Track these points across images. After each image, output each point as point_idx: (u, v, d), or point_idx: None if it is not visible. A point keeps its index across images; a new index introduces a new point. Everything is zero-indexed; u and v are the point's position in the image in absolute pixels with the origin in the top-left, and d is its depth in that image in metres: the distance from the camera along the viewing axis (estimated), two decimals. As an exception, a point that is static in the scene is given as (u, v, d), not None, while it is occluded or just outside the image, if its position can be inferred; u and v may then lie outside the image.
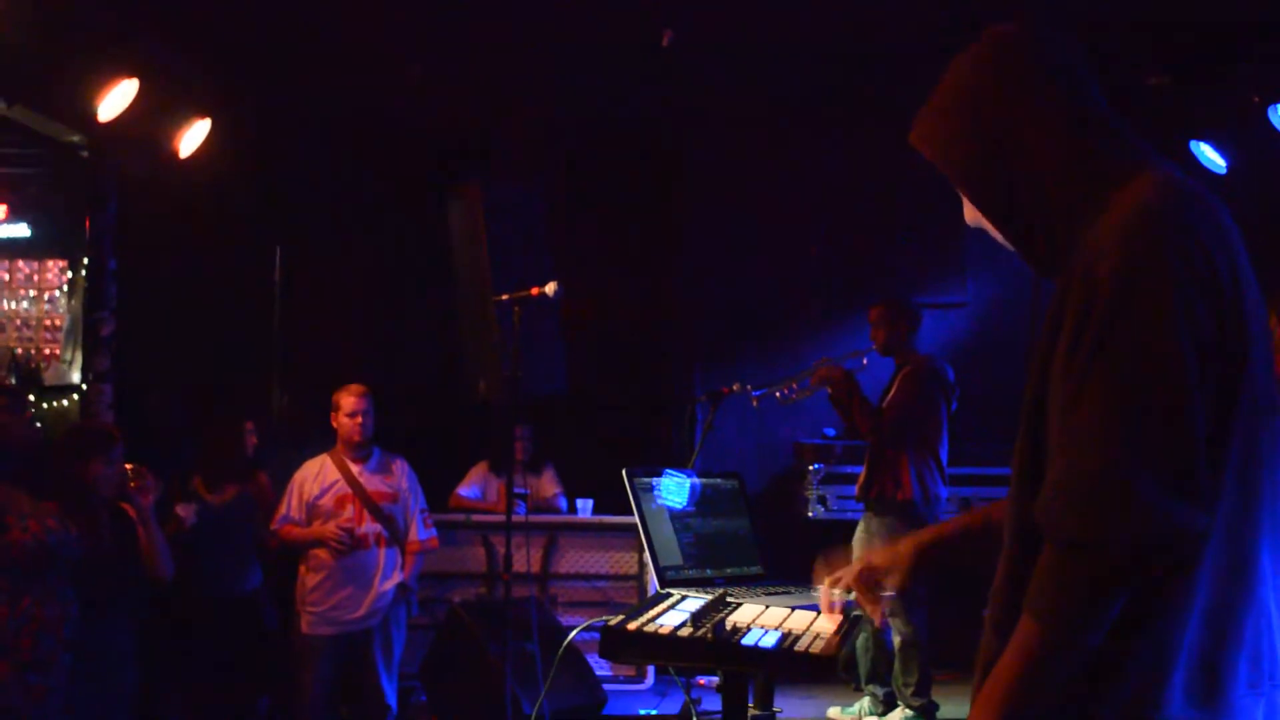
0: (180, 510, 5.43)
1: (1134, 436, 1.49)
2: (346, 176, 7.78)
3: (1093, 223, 1.61)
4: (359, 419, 5.78)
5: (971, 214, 1.82)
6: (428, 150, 7.82)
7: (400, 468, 5.93)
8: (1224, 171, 6.32)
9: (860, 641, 6.06)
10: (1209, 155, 6.38)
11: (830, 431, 7.49)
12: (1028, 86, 1.74)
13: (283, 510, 5.77)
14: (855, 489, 6.13)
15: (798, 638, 2.06)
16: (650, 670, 6.79)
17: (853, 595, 2.15)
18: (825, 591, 2.17)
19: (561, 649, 2.54)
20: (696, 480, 2.97)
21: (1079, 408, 1.54)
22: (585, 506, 7.07)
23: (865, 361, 6.16)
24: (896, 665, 5.93)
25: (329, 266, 7.92)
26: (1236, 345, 1.57)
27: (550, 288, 4.89)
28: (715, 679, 4.71)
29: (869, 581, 2.12)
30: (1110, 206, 1.60)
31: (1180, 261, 1.53)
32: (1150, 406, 1.50)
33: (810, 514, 7.24)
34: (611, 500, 6.74)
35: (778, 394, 6.05)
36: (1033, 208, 1.70)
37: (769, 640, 2.03)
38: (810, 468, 7.28)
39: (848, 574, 2.15)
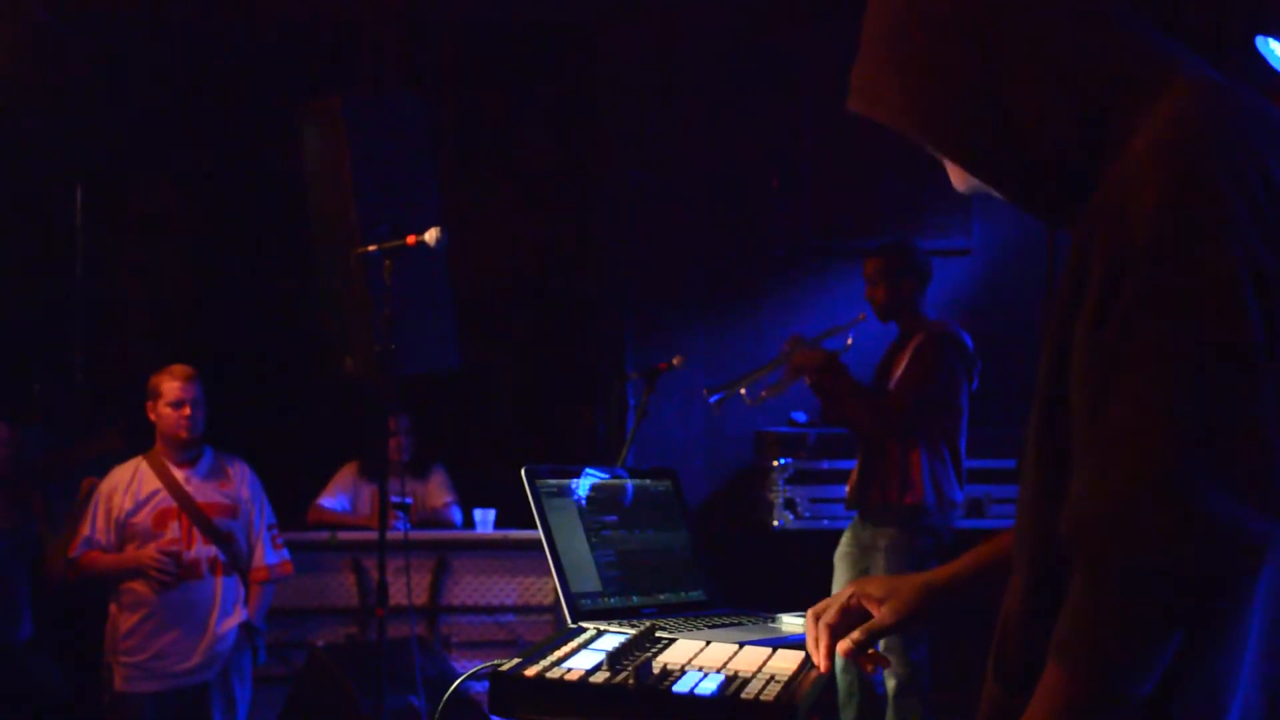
0: None
1: (1189, 425, 1.48)
2: (167, 93, 7.68)
3: (1118, 149, 1.59)
4: (186, 410, 5.74)
5: (961, 178, 1.80)
6: (273, 56, 7.73)
7: (240, 473, 5.91)
8: (1300, 75, 6.39)
9: (843, 686, 6.10)
10: (1281, 54, 6.45)
11: (800, 417, 7.52)
12: None
13: (85, 531, 5.71)
14: (847, 491, 6.14)
15: (746, 681, 2.04)
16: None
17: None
18: (810, 629, 2.15)
19: (445, 699, 2.52)
20: (628, 482, 2.95)
21: (1115, 390, 1.52)
22: (485, 519, 7.05)
23: (850, 340, 6.16)
24: (890, 716, 5.97)
25: (146, 210, 7.82)
26: None
27: (432, 235, 4.88)
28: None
29: (859, 618, 2.10)
30: (1139, 127, 1.58)
31: (1238, 194, 1.51)
32: (1208, 386, 1.48)
33: (776, 523, 7.26)
34: (519, 510, 6.70)
35: (742, 391, 6.05)
36: (1034, 148, 1.67)
37: (708, 685, 2.01)
38: (775, 463, 7.30)
39: (833, 605, 2.12)
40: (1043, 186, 1.70)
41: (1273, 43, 6.45)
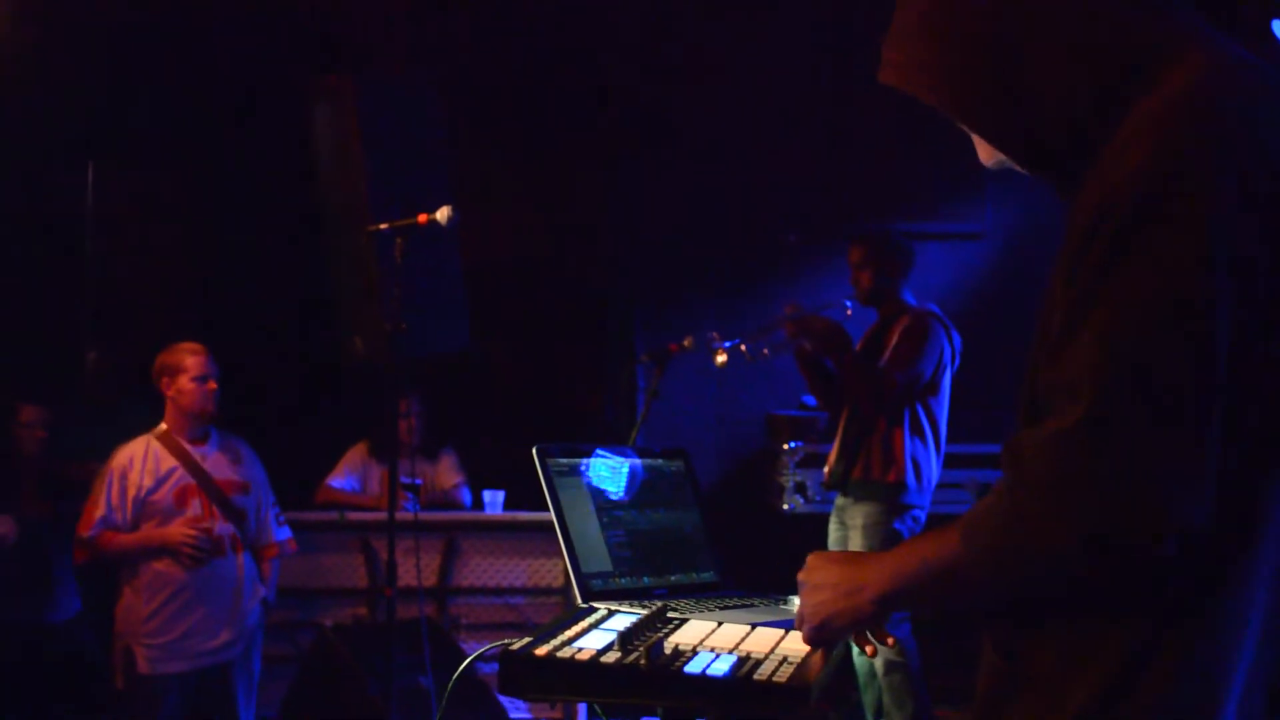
0: None
1: (1128, 394, 1.48)
2: (178, 70, 7.66)
3: (1122, 121, 1.58)
4: (211, 384, 5.72)
5: (988, 153, 1.80)
6: (285, 34, 7.71)
7: (247, 451, 5.92)
8: (1315, 61, 6.37)
9: (863, 668, 6.11)
10: (1295, 40, 6.43)
11: (811, 400, 7.52)
12: None
13: (100, 511, 5.60)
14: (824, 472, 6.22)
15: (759, 663, 2.02)
16: (581, 711, 6.80)
17: None
18: None
19: (454, 679, 2.51)
20: (637, 461, 2.94)
21: (1071, 341, 1.54)
22: (495, 500, 7.05)
23: (850, 311, 6.23)
24: (886, 699, 5.97)
25: (156, 187, 7.80)
26: None
27: (443, 214, 4.86)
28: None
29: None
30: (1146, 100, 1.57)
31: (1224, 169, 1.49)
32: (1156, 356, 1.48)
33: (786, 506, 7.27)
34: (528, 492, 6.68)
35: (743, 347, 6.09)
36: (1058, 122, 1.66)
37: (721, 666, 2.00)
38: (785, 447, 7.31)
39: None
40: (1056, 159, 1.70)
41: (1290, 27, 6.43)
